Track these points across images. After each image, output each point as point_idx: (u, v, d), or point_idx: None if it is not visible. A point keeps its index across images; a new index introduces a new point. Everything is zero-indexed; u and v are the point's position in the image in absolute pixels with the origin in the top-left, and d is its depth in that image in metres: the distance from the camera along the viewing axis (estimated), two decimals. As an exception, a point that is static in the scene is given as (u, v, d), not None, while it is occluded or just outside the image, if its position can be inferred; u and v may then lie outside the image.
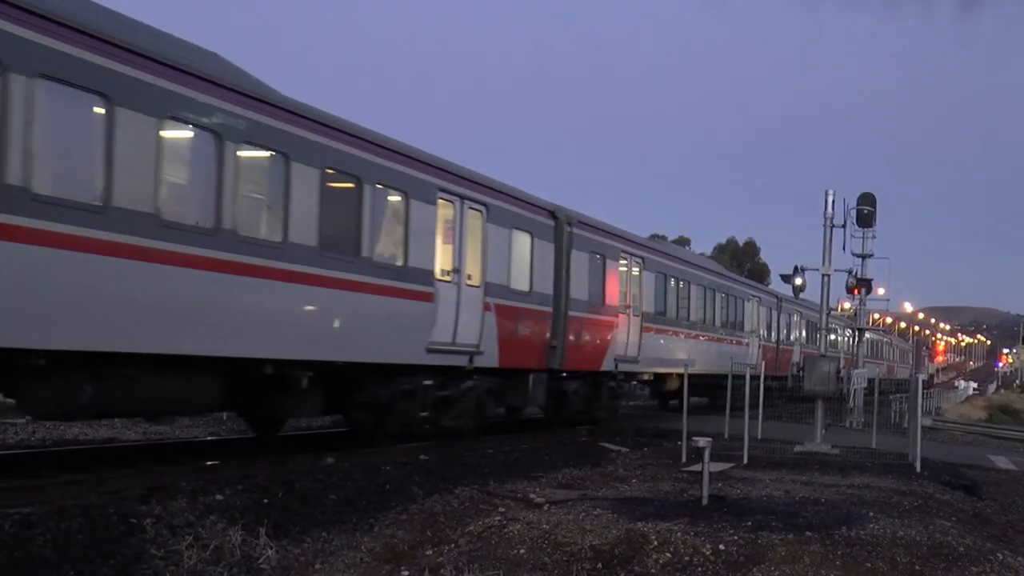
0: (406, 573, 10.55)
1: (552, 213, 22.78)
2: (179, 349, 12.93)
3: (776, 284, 48.34)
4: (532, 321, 21.59)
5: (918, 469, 19.97)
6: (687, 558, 10.85)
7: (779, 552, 11.06)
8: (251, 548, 10.72)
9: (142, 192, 12.24)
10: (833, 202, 24.88)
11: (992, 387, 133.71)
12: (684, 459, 19.61)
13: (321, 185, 15.28)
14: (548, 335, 22.19)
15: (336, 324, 15.77)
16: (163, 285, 12.50)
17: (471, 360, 19.23)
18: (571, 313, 22.92)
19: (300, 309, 15.06)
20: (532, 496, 14.52)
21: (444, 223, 18.62)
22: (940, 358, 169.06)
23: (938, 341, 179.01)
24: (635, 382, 30.30)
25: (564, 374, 23.30)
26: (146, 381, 12.85)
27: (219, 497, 11.92)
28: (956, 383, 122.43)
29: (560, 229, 22.80)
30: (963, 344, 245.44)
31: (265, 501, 12.20)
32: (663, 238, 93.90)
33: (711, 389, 31.75)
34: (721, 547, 11.11)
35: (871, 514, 13.41)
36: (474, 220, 19.42)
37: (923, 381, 26.52)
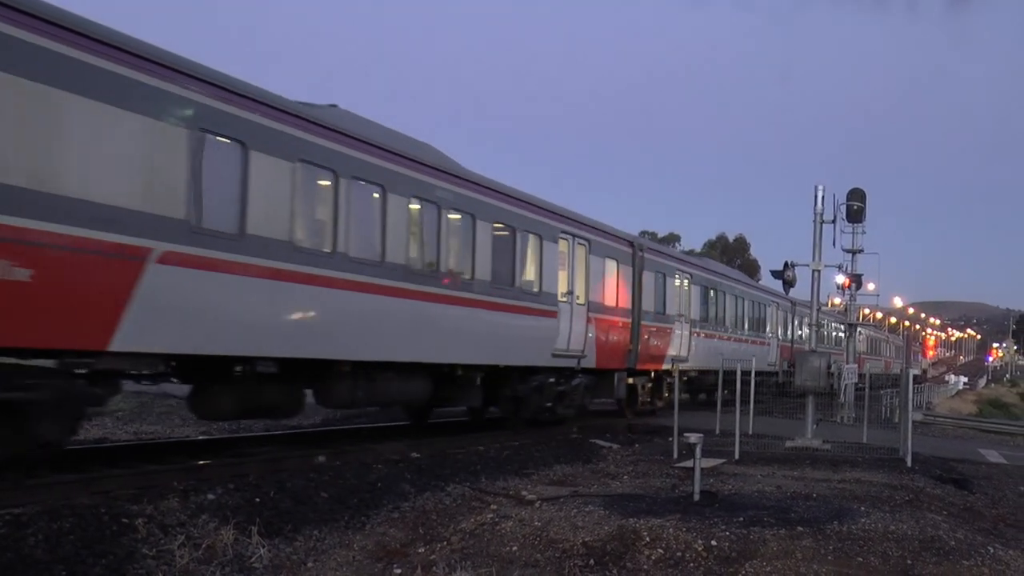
0: (398, 571, 10.55)
1: (630, 243, 28.07)
2: (416, 358, 18.18)
3: (766, 280, 49.83)
4: (617, 330, 26.43)
5: (909, 463, 19.98)
6: (679, 554, 10.87)
7: (771, 547, 11.09)
8: (243, 547, 10.72)
9: (399, 248, 17.46)
10: (823, 198, 24.86)
11: (982, 381, 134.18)
12: (676, 455, 19.62)
13: (492, 235, 20.47)
14: (628, 341, 27.00)
15: (500, 337, 20.80)
16: (413, 313, 17.77)
17: (578, 362, 23.96)
18: (643, 323, 27.95)
19: (480, 327, 20.05)
20: (524, 493, 14.53)
21: (562, 256, 23.52)
22: (931, 353, 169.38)
23: (928, 336, 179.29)
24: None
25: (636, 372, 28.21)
26: (396, 381, 17.97)
27: (211, 496, 11.90)
28: (947, 378, 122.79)
29: (635, 255, 27.86)
30: (953, 339, 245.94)
31: (257, 500, 12.18)
32: (653, 235, 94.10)
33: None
34: (713, 543, 11.13)
35: (862, 509, 13.45)
36: (581, 252, 24.42)
37: (916, 376, 28.17)
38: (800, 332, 49.15)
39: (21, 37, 10.95)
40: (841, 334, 57.01)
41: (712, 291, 35.47)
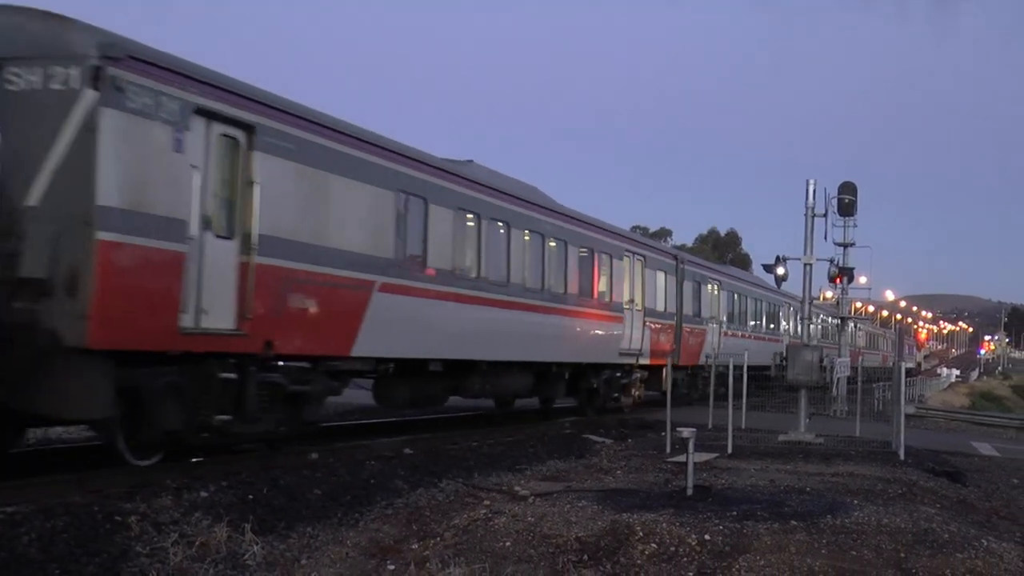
0: (392, 567, 10.54)
1: (674, 256, 34.31)
2: (529, 358, 23.06)
3: (758, 274, 51.89)
4: (665, 332, 31.65)
5: (902, 457, 20.03)
6: (673, 549, 10.87)
7: (764, 541, 11.09)
8: (237, 544, 10.69)
9: (519, 271, 22.58)
10: (814, 192, 24.85)
11: (974, 374, 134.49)
12: (669, 450, 19.62)
13: (578, 256, 25.59)
14: (672, 340, 32.11)
15: (584, 339, 25.62)
16: (528, 323, 22.81)
17: (637, 359, 28.72)
18: (684, 325, 33.18)
19: (571, 332, 25.03)
20: (517, 489, 14.53)
21: (625, 270, 28.71)
22: (923, 346, 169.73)
23: (920, 329, 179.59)
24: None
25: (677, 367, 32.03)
26: (512, 377, 22.74)
27: (204, 494, 11.87)
28: (939, 370, 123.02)
29: (677, 266, 33.26)
30: (945, 332, 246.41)
31: (250, 497, 12.15)
32: (644, 230, 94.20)
33: (756, 379, 35.92)
34: (707, 537, 11.13)
35: (856, 502, 13.47)
36: (638, 266, 29.70)
37: (911, 369, 30.59)
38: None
39: (309, 139, 15.54)
40: (856, 331, 67.68)
41: (736, 295, 40.93)
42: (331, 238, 16.01)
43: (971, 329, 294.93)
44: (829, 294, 51.49)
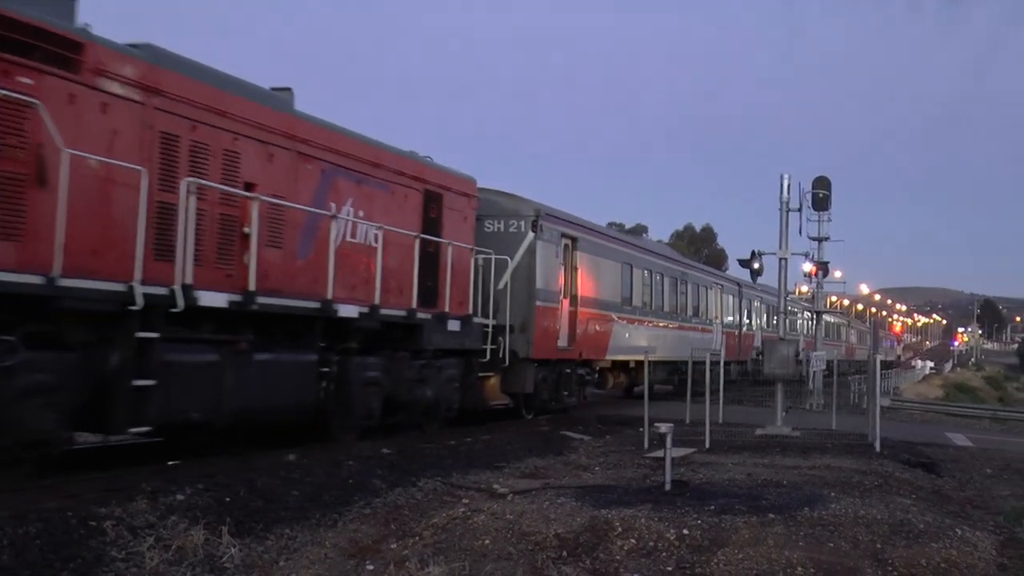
0: (371, 567, 10.50)
1: (737, 283, 46.47)
2: (670, 358, 33.50)
3: (734, 269, 55.47)
4: (733, 337, 44.65)
5: (878, 449, 20.12)
6: (652, 544, 10.87)
7: (743, 535, 11.11)
8: (214, 547, 10.62)
9: (660, 302, 35.26)
10: (789, 186, 24.86)
11: (948, 366, 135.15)
12: (647, 445, 19.62)
13: (689, 288, 38.28)
14: (736, 343, 44.63)
15: (694, 345, 30.37)
16: (669, 335, 34.61)
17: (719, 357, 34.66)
18: (742, 331, 46.54)
19: (689, 340, 33.61)
20: (496, 487, 14.49)
21: (712, 296, 41.78)
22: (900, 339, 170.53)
23: (894, 322, 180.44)
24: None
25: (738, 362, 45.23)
26: (661, 370, 33.29)
27: (180, 497, 11.78)
28: (913, 363, 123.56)
29: (740, 289, 46.23)
30: (919, 324, 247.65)
31: (227, 499, 12.07)
32: (620, 226, 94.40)
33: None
34: (685, 532, 11.14)
35: (832, 494, 13.51)
36: (718, 291, 42.77)
37: (891, 362, 37.02)
38: (807, 329, 65.00)
39: (593, 240, 28.37)
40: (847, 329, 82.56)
41: (769, 305, 50.20)
42: (601, 293, 28.57)
43: (945, 321, 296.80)
44: (804, 288, 52.05)
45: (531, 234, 23.69)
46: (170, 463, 14.23)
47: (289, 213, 15.86)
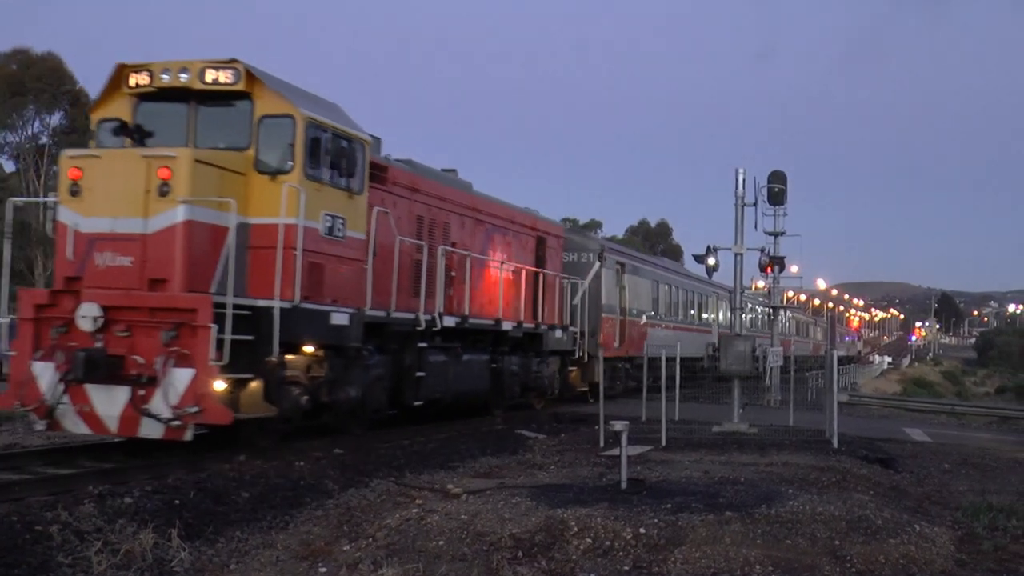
0: (323, 570, 10.36)
1: (729, 290, 46.20)
2: (684, 355, 29.44)
3: (689, 265, 57.25)
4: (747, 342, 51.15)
5: (835, 445, 20.12)
6: (608, 543, 10.78)
7: (700, 533, 11.04)
8: (163, 551, 10.46)
9: (675, 310, 42.55)
10: (744, 181, 24.83)
11: (906, 361, 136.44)
12: (602, 444, 19.48)
13: (695, 297, 46.08)
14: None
15: (697, 342, 34.57)
16: (683, 336, 37.09)
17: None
18: (736, 332, 52.41)
19: (694, 339, 38.39)
20: (450, 487, 14.33)
21: (712, 303, 48.76)
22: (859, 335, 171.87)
23: (852, 317, 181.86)
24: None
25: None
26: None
27: (128, 500, 11.58)
28: (871, 358, 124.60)
29: (732, 296, 50.47)
30: (876, 319, 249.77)
31: (176, 502, 11.87)
32: (575, 222, 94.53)
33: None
34: (642, 530, 11.05)
35: (790, 491, 13.44)
36: (715, 298, 49.11)
37: (851, 357, 41.04)
38: (789, 329, 68.92)
39: (635, 264, 36.51)
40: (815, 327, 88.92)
41: (759, 308, 54.94)
42: (640, 305, 36.03)
43: (902, 316, 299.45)
44: (761, 284, 53.13)
45: (598, 263, 30.60)
46: (116, 465, 13.99)
47: (475, 261, 22.63)
